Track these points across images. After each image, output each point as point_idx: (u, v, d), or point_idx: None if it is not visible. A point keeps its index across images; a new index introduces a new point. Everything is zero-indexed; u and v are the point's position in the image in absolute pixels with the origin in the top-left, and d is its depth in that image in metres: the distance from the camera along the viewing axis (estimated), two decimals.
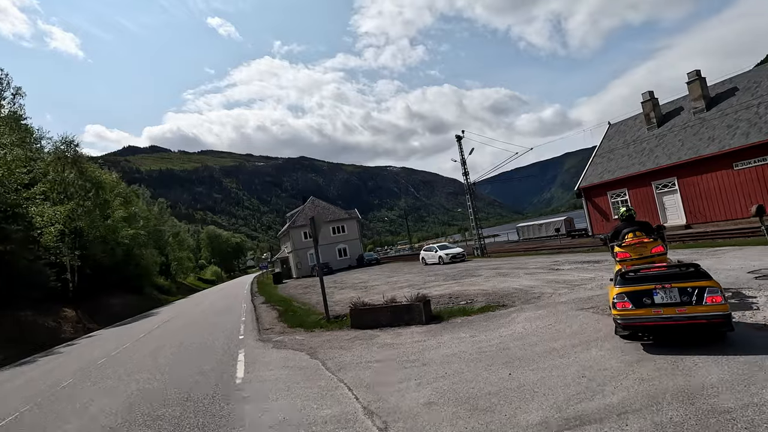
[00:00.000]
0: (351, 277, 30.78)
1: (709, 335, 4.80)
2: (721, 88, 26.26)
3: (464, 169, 29.52)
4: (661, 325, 4.64)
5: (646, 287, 4.76)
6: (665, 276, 4.81)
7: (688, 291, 4.56)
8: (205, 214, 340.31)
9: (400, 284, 20.14)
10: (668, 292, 4.64)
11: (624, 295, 4.84)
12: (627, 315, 4.80)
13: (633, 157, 28.93)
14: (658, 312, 4.63)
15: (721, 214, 23.26)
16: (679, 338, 4.91)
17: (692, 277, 4.68)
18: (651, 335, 4.97)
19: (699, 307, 4.47)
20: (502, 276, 16.46)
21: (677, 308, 4.56)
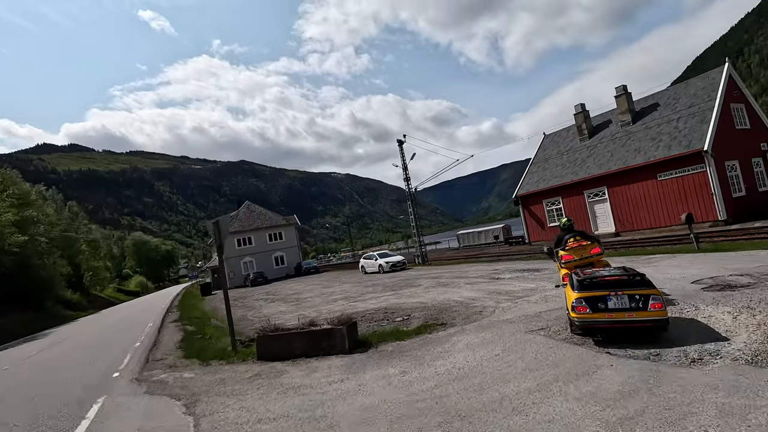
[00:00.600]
0: (286, 288, 28.72)
1: (650, 335, 5.40)
2: (644, 103, 27.74)
3: (405, 174, 28.73)
4: (613, 327, 5.25)
5: (601, 293, 5.30)
6: (617, 283, 5.36)
7: (636, 298, 5.13)
8: (133, 219, 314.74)
9: (335, 296, 18.64)
10: (620, 298, 5.20)
11: (582, 300, 5.34)
12: (584, 318, 5.33)
13: (566, 167, 29.76)
14: (611, 316, 5.18)
15: (647, 223, 24.28)
16: (624, 337, 5.43)
17: (639, 286, 5.27)
18: (602, 335, 5.53)
19: (645, 312, 5.05)
20: (442, 286, 15.55)
21: (627, 313, 5.12)
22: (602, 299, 5.28)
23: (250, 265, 44.28)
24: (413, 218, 28.73)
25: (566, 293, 6.05)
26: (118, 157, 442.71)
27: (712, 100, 23.01)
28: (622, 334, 5.35)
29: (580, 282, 5.56)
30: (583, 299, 5.35)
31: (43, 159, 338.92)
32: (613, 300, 5.23)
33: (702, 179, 21.80)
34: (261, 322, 14.12)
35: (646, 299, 5.11)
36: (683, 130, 23.36)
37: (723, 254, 12.16)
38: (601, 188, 26.49)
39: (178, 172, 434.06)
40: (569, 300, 5.65)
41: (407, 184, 28.75)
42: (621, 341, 5.39)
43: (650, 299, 5.11)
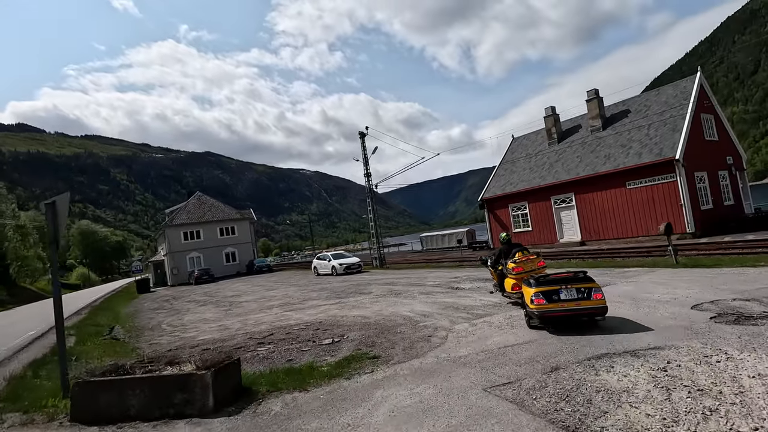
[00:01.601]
0: (229, 288, 25.96)
1: (590, 322, 6.42)
2: (615, 109, 26.92)
3: (366, 169, 26.63)
4: (565, 315, 6.16)
5: (555, 287, 6.25)
6: (566, 280, 6.34)
7: (582, 290, 6.16)
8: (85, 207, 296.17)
9: (275, 301, 16.30)
10: (569, 291, 6.18)
11: (540, 294, 6.25)
12: (542, 308, 6.21)
13: (534, 171, 28.59)
14: (563, 305, 6.12)
15: (614, 232, 23.29)
16: (571, 327, 6.31)
17: (583, 281, 6.27)
18: (552, 325, 6.40)
19: (589, 302, 6.08)
20: (394, 296, 13.55)
21: (575, 302, 6.10)
22: (556, 292, 6.17)
23: (197, 261, 40.88)
24: (372, 216, 26.68)
25: (524, 292, 6.82)
26: (71, 141, 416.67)
27: (684, 108, 22.27)
28: (570, 322, 6.28)
29: (537, 279, 6.51)
30: (541, 293, 6.22)
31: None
32: (564, 292, 6.14)
33: (672, 189, 20.93)
34: (183, 332, 11.67)
35: (589, 291, 6.10)
36: (654, 137, 22.50)
37: (705, 270, 10.78)
38: (569, 194, 25.38)
39: (137, 160, 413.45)
40: (528, 296, 6.45)
41: (368, 179, 26.65)
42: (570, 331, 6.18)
43: (592, 291, 6.12)
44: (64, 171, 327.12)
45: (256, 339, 9.09)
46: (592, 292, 6.11)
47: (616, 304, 7.83)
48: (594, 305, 6.04)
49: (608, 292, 9.14)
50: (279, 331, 9.73)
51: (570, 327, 6.30)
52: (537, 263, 8.33)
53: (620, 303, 7.93)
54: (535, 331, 6.62)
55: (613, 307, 7.52)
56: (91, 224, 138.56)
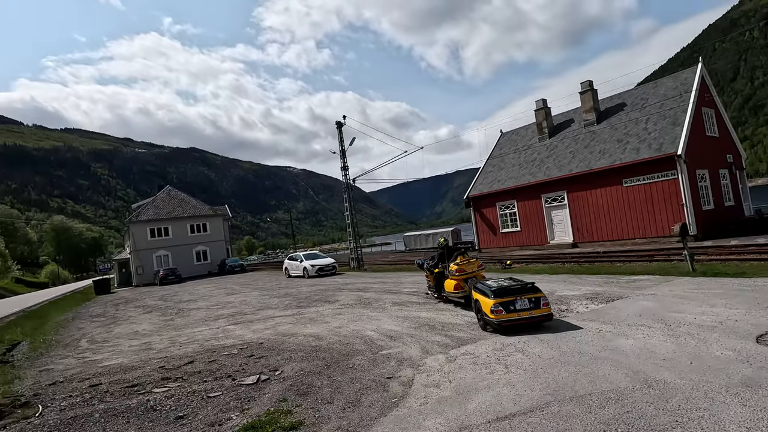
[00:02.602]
0: (189, 291, 23.56)
1: (537, 326, 6.82)
2: (609, 102, 25.26)
3: (343, 162, 24.46)
4: (520, 323, 6.64)
5: (511, 298, 6.76)
6: (519, 291, 6.88)
7: (533, 300, 6.76)
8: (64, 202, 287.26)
9: (227, 309, 14.09)
10: (523, 301, 6.74)
11: (499, 305, 6.70)
12: (502, 318, 6.64)
13: (524, 167, 26.80)
14: (519, 314, 6.63)
15: (609, 234, 21.59)
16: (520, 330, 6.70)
17: (533, 292, 6.89)
18: (506, 330, 6.76)
19: (539, 310, 6.71)
20: (362, 305, 11.50)
21: (528, 311, 6.67)
22: (512, 303, 6.72)
23: (165, 259, 38.18)
24: (349, 213, 24.55)
25: (480, 300, 7.25)
26: (50, 134, 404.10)
27: (685, 101, 20.65)
28: (522, 327, 6.69)
29: (494, 291, 6.90)
30: (500, 304, 6.71)
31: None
32: (519, 303, 6.73)
33: (672, 188, 19.27)
34: (82, 355, 9.42)
35: (538, 300, 6.78)
36: (653, 132, 20.84)
37: (732, 281, 8.96)
38: (561, 192, 23.62)
39: (119, 155, 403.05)
40: (487, 306, 6.87)
41: (345, 173, 24.50)
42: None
43: (541, 300, 6.81)
44: (42, 164, 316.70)
45: (168, 369, 6.92)
46: (541, 301, 6.79)
47: (641, 329, 5.89)
48: (543, 313, 6.73)
49: (624, 309, 7.19)
50: (204, 356, 7.57)
51: (520, 330, 6.67)
52: (476, 265, 9.25)
53: (648, 328, 5.99)
54: (541, 389, 4.45)
55: (641, 334, 5.57)
56: (65, 220, 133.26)
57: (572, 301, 8.83)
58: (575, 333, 6.29)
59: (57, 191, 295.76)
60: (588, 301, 8.55)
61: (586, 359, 4.93)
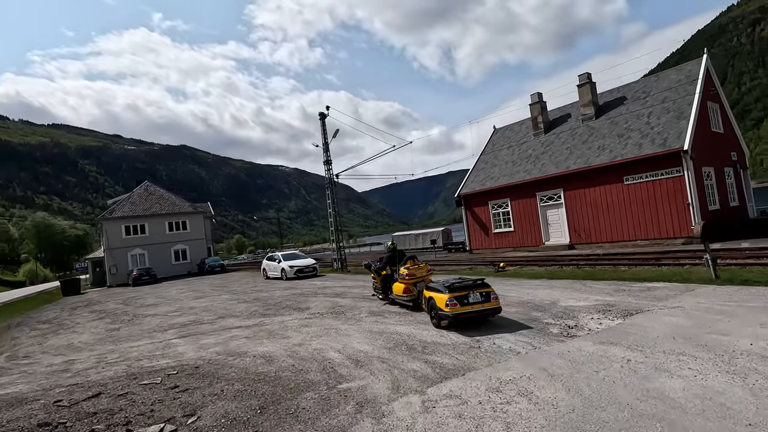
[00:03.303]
0: (157, 293, 21.77)
1: (485, 319, 7.35)
2: (609, 96, 23.96)
3: (326, 156, 22.82)
4: (474, 315, 7.01)
5: (465, 293, 7.07)
6: (471, 286, 7.21)
7: (484, 294, 7.11)
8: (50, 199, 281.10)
9: (185, 317, 12.45)
10: (475, 295, 7.06)
11: (454, 299, 7.01)
12: (456, 311, 6.95)
13: (518, 164, 25.40)
14: (472, 307, 6.97)
15: (608, 235, 20.24)
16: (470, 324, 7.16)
17: (483, 287, 7.22)
18: (457, 325, 7.18)
19: (490, 303, 7.06)
20: (333, 315, 9.94)
21: (480, 305, 7.01)
22: (466, 296, 7.02)
23: (141, 258, 36.20)
24: (332, 211, 22.93)
25: (434, 297, 7.46)
26: (36, 129, 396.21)
27: (691, 94, 19.37)
28: (474, 320, 7.14)
29: (449, 287, 7.20)
30: (454, 298, 7.01)
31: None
32: (472, 296, 7.02)
33: (677, 186, 17.96)
34: None
35: (488, 294, 7.12)
36: (656, 126, 19.54)
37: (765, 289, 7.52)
38: (557, 191, 22.25)
39: (108, 152, 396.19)
40: (441, 301, 7.11)
41: (328, 168, 22.87)
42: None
43: (491, 294, 7.15)
44: (28, 160, 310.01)
45: (63, 406, 5.29)
46: (491, 295, 7.13)
47: (685, 360, 4.39)
48: (493, 306, 7.04)
49: (650, 328, 5.69)
50: (119, 385, 5.95)
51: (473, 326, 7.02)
52: (425, 270, 9.47)
53: (693, 359, 4.49)
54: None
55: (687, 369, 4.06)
56: (47, 217, 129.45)
57: (581, 314, 7.35)
58: (595, 364, 4.78)
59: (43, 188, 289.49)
60: (600, 315, 7.07)
61: (625, 416, 3.40)
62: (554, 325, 6.78)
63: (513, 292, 10.30)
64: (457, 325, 7.12)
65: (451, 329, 7.13)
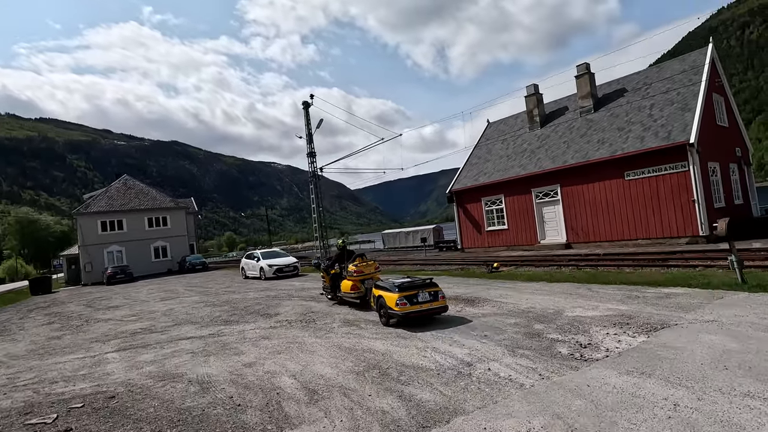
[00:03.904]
0: (128, 293, 20.26)
1: (434, 317, 7.56)
2: (608, 88, 22.81)
3: (310, 147, 21.39)
4: (422, 314, 7.18)
5: (414, 292, 7.20)
6: (420, 285, 7.34)
7: (432, 293, 7.27)
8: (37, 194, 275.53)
9: (140, 323, 11.04)
10: (424, 294, 7.21)
11: (403, 298, 7.11)
12: (406, 310, 7.08)
13: (513, 159, 24.18)
14: (421, 306, 7.12)
15: (607, 233, 19.08)
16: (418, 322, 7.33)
17: (431, 286, 7.39)
18: (405, 324, 7.30)
19: (437, 302, 7.27)
20: (302, 324, 8.62)
21: (429, 303, 7.18)
22: (415, 296, 7.15)
23: (118, 256, 34.50)
24: (315, 206, 21.52)
25: (383, 295, 7.55)
26: (24, 123, 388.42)
27: (696, 84, 18.25)
28: (422, 318, 7.30)
29: (399, 287, 7.31)
30: (404, 297, 7.12)
31: None
32: (421, 296, 7.17)
33: (682, 181, 16.83)
34: None
35: (436, 294, 7.30)
36: (659, 119, 18.40)
37: None
38: (553, 186, 21.06)
39: (97, 147, 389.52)
40: (391, 300, 7.21)
41: (311, 160, 21.44)
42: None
43: (439, 294, 7.33)
44: (14, 155, 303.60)
45: None
46: (439, 294, 7.36)
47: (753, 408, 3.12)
48: (441, 305, 7.32)
49: (687, 351, 4.36)
50: None
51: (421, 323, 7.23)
52: (374, 267, 9.50)
53: (764, 404, 3.20)
54: None
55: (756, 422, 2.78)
56: (31, 212, 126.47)
57: (592, 327, 6.07)
58: (630, 410, 3.48)
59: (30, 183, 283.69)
60: (617, 330, 5.79)
61: None
62: (562, 343, 5.49)
63: (510, 298, 9.03)
64: (405, 324, 7.31)
65: (398, 327, 7.31)
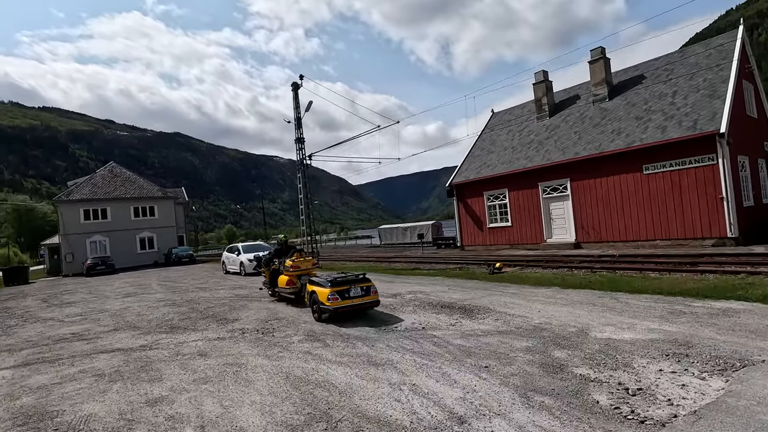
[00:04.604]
0: (99, 285, 18.64)
1: (365, 312, 7.77)
2: (624, 75, 20.96)
3: (298, 133, 19.61)
4: (354, 309, 7.33)
5: (346, 287, 7.33)
6: (352, 281, 7.47)
7: (364, 288, 7.45)
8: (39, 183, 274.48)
9: (89, 321, 9.41)
10: (356, 289, 7.37)
11: (335, 293, 7.22)
12: (337, 305, 7.18)
13: (518, 151, 22.38)
14: (352, 301, 7.27)
15: (621, 233, 17.31)
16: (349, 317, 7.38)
17: (363, 282, 7.53)
18: (337, 318, 7.36)
19: (369, 297, 7.44)
20: (256, 336, 6.94)
21: (360, 298, 7.35)
22: (347, 291, 7.30)
23: (101, 246, 32.89)
24: (303, 197, 19.78)
25: (316, 291, 7.62)
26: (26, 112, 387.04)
27: (726, 69, 16.39)
28: (354, 313, 7.45)
29: (332, 282, 7.40)
30: (336, 292, 7.23)
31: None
32: (353, 291, 7.33)
33: (708, 176, 15.02)
34: None
35: (368, 289, 7.47)
36: (683, 107, 16.56)
37: None
38: (563, 181, 19.27)
39: (99, 137, 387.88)
40: (323, 295, 7.31)
41: (299, 146, 19.66)
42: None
43: (371, 289, 7.50)
44: (17, 143, 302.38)
45: None
46: (371, 289, 7.52)
47: None
48: (372, 299, 7.49)
49: None
50: None
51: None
52: (311, 263, 9.80)
53: None
54: None
55: None
56: (29, 201, 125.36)
57: (637, 359, 4.33)
58: None
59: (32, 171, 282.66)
60: (675, 366, 4.06)
61: None
62: (598, 385, 3.77)
63: (517, 308, 7.31)
64: (336, 319, 7.35)
65: (330, 323, 7.32)
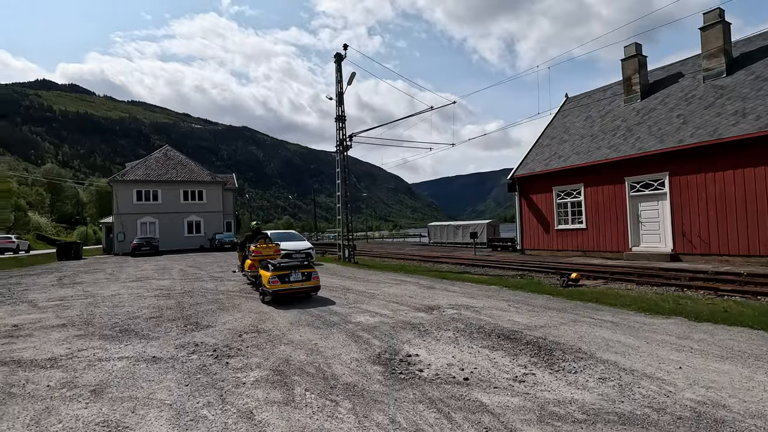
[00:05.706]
0: (130, 267, 17.73)
1: (307, 296, 8.32)
2: (747, 45, 16.50)
3: (339, 110, 17.35)
4: (293, 293, 7.84)
5: (287, 272, 7.81)
6: (295, 266, 7.95)
7: (306, 274, 7.93)
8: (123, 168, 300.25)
9: (63, 307, 7.69)
10: (297, 274, 7.84)
11: (276, 277, 7.65)
12: (277, 288, 7.64)
13: (599, 139, 18.59)
14: (292, 285, 7.75)
15: (739, 245, 13.22)
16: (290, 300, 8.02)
17: (307, 267, 8.07)
18: (280, 300, 7.90)
19: (310, 282, 7.96)
20: (208, 360, 4.55)
21: (300, 283, 7.84)
22: (288, 275, 7.75)
23: (151, 227, 33.13)
24: (341, 182, 17.54)
25: (261, 274, 8.16)
26: (117, 105, 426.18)
27: None
28: (295, 298, 8.05)
29: (274, 266, 7.84)
30: (276, 276, 7.67)
31: (40, 95, 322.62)
32: (294, 275, 7.79)
33: None
34: None
35: (310, 275, 7.95)
36: None
37: None
38: (659, 175, 15.37)
39: (177, 129, 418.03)
40: (266, 279, 7.76)
41: (340, 126, 17.41)
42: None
43: (312, 275, 8.01)
44: (108, 133, 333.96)
45: None
46: (312, 275, 8.02)
47: None
48: (313, 285, 8.02)
49: None
50: None
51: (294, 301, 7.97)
52: (273, 250, 10.25)
53: None
54: None
55: None
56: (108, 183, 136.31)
57: None
58: None
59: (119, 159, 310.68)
60: None
61: None
62: None
63: (633, 357, 4.32)
64: (278, 301, 7.82)
65: (270, 304, 7.76)
